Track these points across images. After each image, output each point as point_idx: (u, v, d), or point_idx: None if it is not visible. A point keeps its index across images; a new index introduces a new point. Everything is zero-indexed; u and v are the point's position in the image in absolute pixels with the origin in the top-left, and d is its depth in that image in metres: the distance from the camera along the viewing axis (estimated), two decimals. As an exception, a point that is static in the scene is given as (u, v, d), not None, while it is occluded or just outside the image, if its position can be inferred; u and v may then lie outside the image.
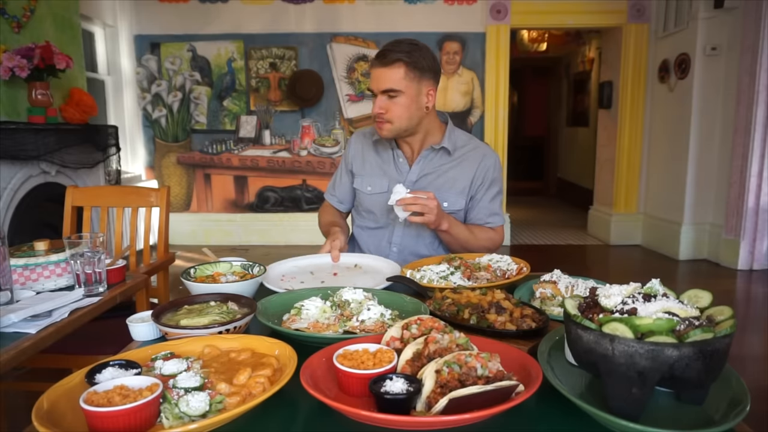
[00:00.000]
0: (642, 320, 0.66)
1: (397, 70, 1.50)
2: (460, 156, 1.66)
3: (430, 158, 1.65)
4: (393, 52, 1.50)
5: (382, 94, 1.52)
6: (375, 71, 1.53)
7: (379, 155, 1.71)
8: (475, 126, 5.48)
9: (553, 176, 9.55)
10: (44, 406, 0.67)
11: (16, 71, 2.98)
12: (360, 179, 1.73)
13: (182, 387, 0.70)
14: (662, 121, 5.16)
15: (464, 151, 1.67)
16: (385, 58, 1.50)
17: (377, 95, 1.54)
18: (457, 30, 5.30)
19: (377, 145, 1.71)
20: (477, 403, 0.65)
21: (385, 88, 1.51)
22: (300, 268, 1.45)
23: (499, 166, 1.71)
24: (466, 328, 0.97)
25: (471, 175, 1.65)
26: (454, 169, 1.65)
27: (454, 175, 1.65)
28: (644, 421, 0.65)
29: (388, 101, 1.52)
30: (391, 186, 1.58)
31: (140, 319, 1.01)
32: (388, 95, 1.52)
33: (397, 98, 1.52)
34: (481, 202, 1.67)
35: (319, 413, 0.73)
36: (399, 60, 1.49)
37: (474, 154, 1.67)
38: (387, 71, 1.50)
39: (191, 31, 5.30)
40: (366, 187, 1.71)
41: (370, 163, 1.72)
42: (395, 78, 1.50)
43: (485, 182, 1.67)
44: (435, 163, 1.66)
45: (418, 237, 1.66)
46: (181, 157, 5.51)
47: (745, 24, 4.24)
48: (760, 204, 4.29)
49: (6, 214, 2.94)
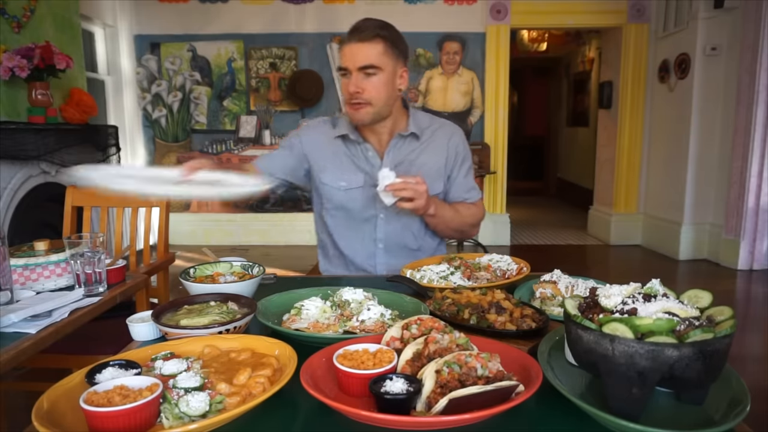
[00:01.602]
0: (642, 320, 0.66)
1: (376, 46, 1.42)
2: (427, 138, 1.59)
3: (400, 146, 1.57)
4: (371, 27, 1.42)
5: (359, 71, 1.42)
6: (350, 47, 1.43)
7: (347, 149, 1.58)
8: (475, 126, 5.48)
9: (553, 176, 9.55)
10: (44, 406, 0.67)
11: (16, 71, 2.98)
12: (329, 174, 1.59)
13: (182, 387, 0.70)
14: (662, 121, 5.16)
15: (431, 132, 1.60)
16: (363, 33, 1.41)
17: (352, 73, 1.43)
18: (457, 30, 5.30)
19: (343, 139, 1.58)
20: (477, 403, 0.65)
21: (364, 65, 1.41)
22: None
23: (465, 140, 1.66)
24: (466, 328, 0.97)
25: (443, 155, 1.59)
26: (425, 153, 1.58)
27: (426, 160, 1.57)
28: (644, 421, 0.65)
29: (365, 80, 1.42)
30: (368, 180, 1.53)
31: (140, 319, 1.01)
32: (366, 73, 1.42)
33: (375, 76, 1.42)
34: (458, 180, 1.61)
35: (319, 413, 0.73)
36: (378, 35, 1.42)
37: (441, 134, 1.60)
38: (365, 46, 1.41)
39: (191, 31, 5.30)
40: (339, 183, 1.57)
41: (339, 158, 1.58)
42: (374, 53, 1.41)
43: (458, 159, 1.61)
44: (405, 151, 1.57)
45: (403, 228, 1.58)
46: (181, 157, 5.50)
47: (745, 24, 4.24)
48: (760, 204, 4.29)
49: (6, 214, 2.94)
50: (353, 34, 1.42)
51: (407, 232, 1.59)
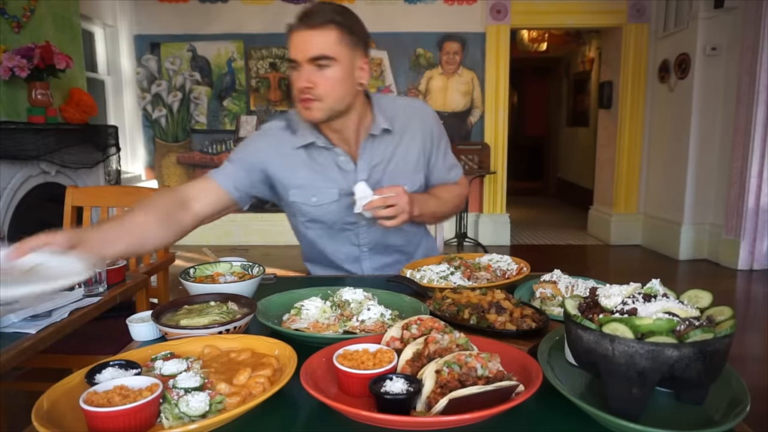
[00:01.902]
0: (642, 320, 0.66)
1: (329, 33, 1.23)
2: (400, 129, 1.43)
3: (373, 146, 1.41)
4: (322, 12, 1.23)
5: (310, 63, 1.24)
6: (298, 35, 1.24)
7: (314, 159, 1.39)
8: (475, 126, 5.48)
9: (553, 176, 9.55)
10: (44, 406, 0.67)
11: (16, 71, 2.98)
12: (297, 191, 1.41)
13: (182, 387, 0.70)
14: (662, 121, 5.16)
15: (402, 121, 1.44)
16: (313, 18, 1.22)
17: (302, 65, 1.25)
18: (457, 30, 5.30)
19: (308, 150, 1.39)
20: (477, 403, 0.65)
21: (314, 55, 1.23)
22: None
23: (436, 116, 1.51)
24: (466, 328, 0.97)
25: (419, 143, 1.45)
26: (402, 147, 1.43)
27: (403, 154, 1.43)
28: (644, 421, 0.65)
29: (316, 73, 1.24)
30: (342, 192, 1.38)
31: (140, 319, 1.01)
32: (317, 65, 1.23)
33: (328, 69, 1.24)
34: (438, 164, 1.50)
35: (319, 413, 0.73)
36: (331, 21, 1.23)
37: (413, 120, 1.45)
38: (316, 34, 1.22)
39: (191, 31, 5.30)
40: (309, 199, 1.41)
41: (306, 171, 1.40)
42: (327, 42, 1.23)
43: (434, 143, 1.48)
44: (380, 150, 1.41)
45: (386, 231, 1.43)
46: (181, 157, 5.51)
47: (745, 24, 4.24)
48: (760, 204, 4.30)
49: (6, 214, 2.94)
50: (302, 20, 1.23)
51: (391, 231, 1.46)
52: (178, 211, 1.25)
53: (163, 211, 1.21)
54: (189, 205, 1.29)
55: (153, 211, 1.19)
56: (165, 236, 1.21)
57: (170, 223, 1.22)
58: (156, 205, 1.22)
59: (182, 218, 1.26)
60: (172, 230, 1.22)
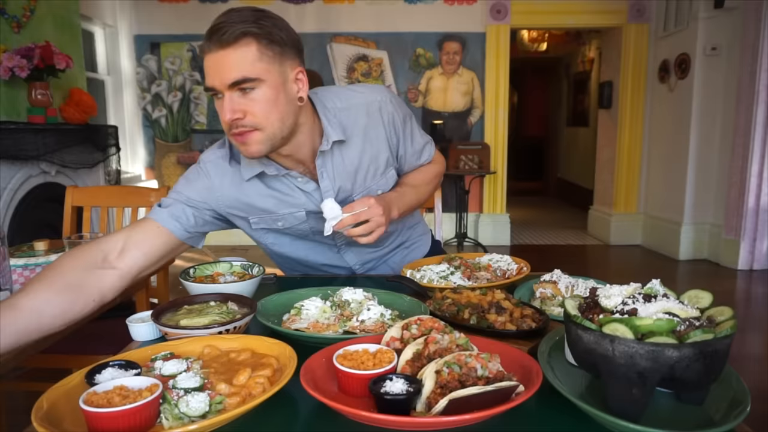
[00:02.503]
0: (642, 321, 0.66)
1: (246, 50, 1.02)
2: (359, 132, 1.25)
3: (333, 160, 1.24)
4: (232, 24, 1.01)
5: (231, 89, 1.04)
6: (211, 57, 1.03)
7: (271, 187, 1.23)
8: (475, 126, 5.48)
9: (553, 176, 9.55)
10: (44, 406, 0.67)
11: (16, 71, 2.98)
12: (259, 220, 1.29)
13: (182, 387, 0.70)
14: (662, 121, 5.16)
15: (358, 120, 1.25)
16: (224, 34, 1.00)
17: (223, 93, 1.05)
18: (457, 30, 5.30)
19: (261, 178, 1.22)
20: (477, 403, 0.65)
21: (234, 80, 1.02)
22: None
23: (394, 98, 1.31)
24: (466, 328, 0.97)
25: (385, 140, 1.29)
26: (366, 151, 1.27)
27: (370, 158, 1.28)
28: (644, 421, 0.65)
29: (242, 99, 1.05)
30: (310, 212, 1.26)
31: (140, 319, 1.01)
32: (240, 89, 1.04)
33: (255, 91, 1.04)
34: (408, 152, 1.36)
35: (319, 413, 0.73)
36: (246, 34, 1.01)
37: (371, 116, 1.26)
38: (229, 54, 1.01)
39: (191, 31, 5.30)
40: (275, 224, 1.29)
41: (265, 201, 1.25)
42: (244, 61, 1.02)
43: (399, 132, 1.32)
44: (341, 163, 1.25)
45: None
46: (181, 157, 5.51)
47: (745, 24, 4.24)
48: (760, 204, 4.30)
49: (6, 214, 2.94)
50: (213, 38, 1.02)
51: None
52: (89, 276, 1.02)
53: (66, 282, 0.98)
54: (110, 262, 1.06)
55: (51, 284, 0.95)
56: (69, 313, 0.96)
57: (77, 295, 0.97)
58: (56, 274, 0.98)
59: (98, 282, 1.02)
60: (82, 302, 0.98)
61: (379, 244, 1.43)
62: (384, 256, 1.50)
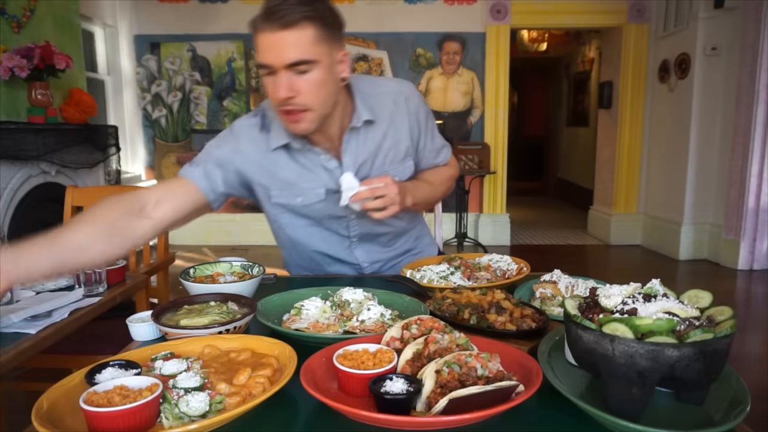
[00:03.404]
0: (642, 320, 0.66)
1: (305, 33, 1.06)
2: (386, 117, 1.31)
3: (356, 140, 1.29)
4: (293, 6, 1.04)
5: (288, 69, 1.08)
6: (269, 37, 1.06)
7: (295, 159, 1.29)
8: (475, 126, 5.48)
9: (553, 176, 9.56)
10: (44, 406, 0.67)
11: (16, 71, 2.99)
12: (279, 193, 1.33)
13: (182, 387, 0.70)
14: (662, 121, 5.16)
15: (386, 108, 1.32)
16: (284, 17, 1.04)
17: (278, 72, 1.09)
18: (457, 30, 5.30)
19: (287, 150, 1.28)
20: (477, 403, 0.65)
21: (292, 61, 1.07)
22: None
23: (419, 95, 1.40)
24: (466, 328, 0.97)
25: (407, 130, 1.34)
26: (389, 136, 1.32)
27: (391, 143, 1.33)
28: (644, 421, 0.65)
29: (296, 79, 1.09)
30: (329, 191, 1.29)
31: (140, 319, 1.01)
32: (296, 70, 1.08)
33: (309, 73, 1.09)
34: (427, 148, 1.41)
35: (319, 413, 0.73)
36: (306, 18, 1.05)
37: (399, 106, 1.33)
38: (290, 35, 1.05)
39: (191, 31, 5.30)
40: (294, 200, 1.33)
41: (287, 172, 1.30)
42: (305, 44, 1.06)
43: (421, 126, 1.38)
44: (365, 143, 1.30)
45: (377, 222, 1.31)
46: (181, 157, 5.51)
47: (745, 24, 4.25)
48: (760, 204, 4.30)
49: (6, 214, 2.94)
50: (271, 19, 1.05)
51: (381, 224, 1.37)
52: (129, 221, 1.09)
53: (108, 223, 1.06)
54: (147, 212, 1.13)
55: (94, 223, 1.04)
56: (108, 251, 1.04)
57: (117, 236, 1.05)
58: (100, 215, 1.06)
59: (134, 228, 1.10)
60: (118, 244, 1.05)
61: (389, 243, 1.46)
62: (392, 259, 1.51)
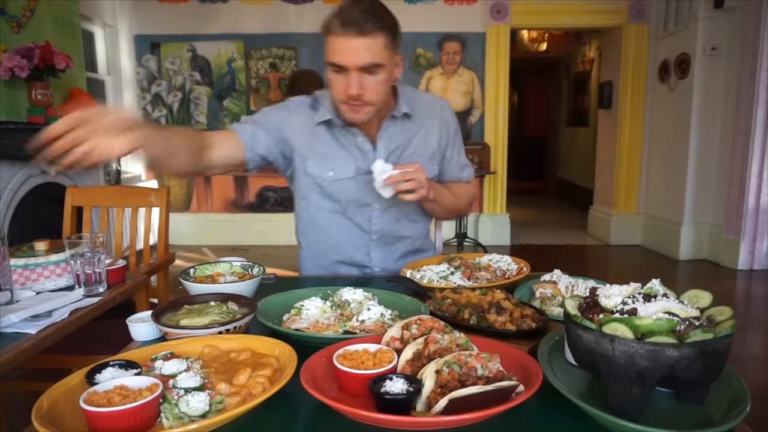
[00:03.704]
0: (642, 320, 0.66)
1: (377, 40, 1.22)
2: (419, 117, 1.48)
3: (392, 129, 1.44)
4: (369, 18, 1.21)
5: (359, 70, 1.24)
6: (348, 42, 1.21)
7: (334, 136, 1.44)
8: (475, 126, 5.48)
9: (553, 176, 9.55)
10: (44, 406, 0.67)
11: (16, 71, 2.98)
12: (314, 163, 1.45)
13: (182, 387, 0.70)
14: (662, 121, 5.16)
15: (422, 110, 1.49)
16: (362, 26, 1.20)
17: (350, 72, 1.25)
18: (457, 30, 5.30)
19: (328, 126, 1.44)
20: (477, 403, 0.65)
21: (367, 63, 1.23)
22: None
23: (453, 111, 1.57)
24: (466, 328, 0.97)
25: (437, 134, 1.50)
26: (420, 134, 1.48)
27: (421, 141, 1.48)
28: (644, 421, 0.65)
29: (365, 79, 1.26)
30: (359, 170, 1.42)
31: (140, 319, 1.01)
32: (368, 71, 1.25)
33: (377, 75, 1.26)
34: (452, 159, 1.54)
35: (319, 413, 0.73)
36: (379, 28, 1.22)
37: (431, 110, 1.51)
38: (367, 42, 1.21)
39: (191, 31, 5.30)
40: (326, 173, 1.44)
41: (325, 146, 1.44)
42: (377, 50, 1.23)
43: (450, 136, 1.54)
44: (399, 133, 1.46)
45: (398, 217, 1.49)
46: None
47: (745, 24, 4.25)
48: (760, 204, 4.30)
49: (6, 214, 2.94)
50: (349, 27, 1.21)
51: (402, 220, 1.50)
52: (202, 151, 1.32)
53: (198, 145, 1.30)
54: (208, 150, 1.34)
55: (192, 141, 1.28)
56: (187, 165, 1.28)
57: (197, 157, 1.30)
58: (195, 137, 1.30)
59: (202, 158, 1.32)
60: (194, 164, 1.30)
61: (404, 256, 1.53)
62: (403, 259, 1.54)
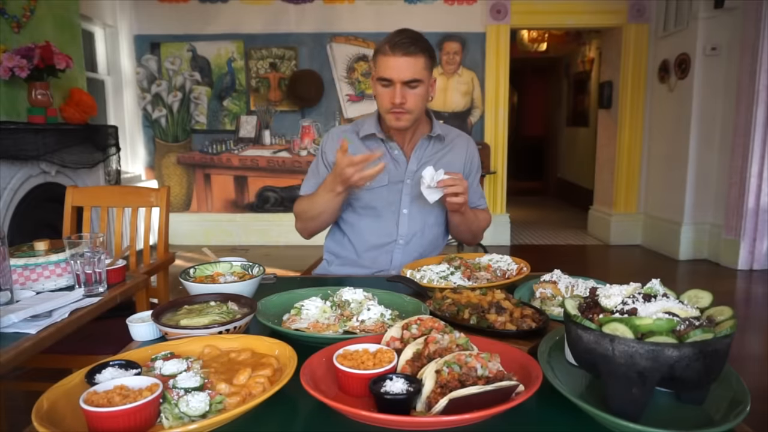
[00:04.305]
0: (642, 320, 0.66)
1: (420, 61, 1.52)
2: (450, 142, 1.72)
3: (425, 147, 1.69)
4: (413, 41, 1.51)
5: (404, 84, 1.53)
6: (397, 60, 1.51)
7: (371, 149, 1.67)
8: (475, 126, 5.48)
9: (553, 176, 9.55)
10: (44, 406, 0.67)
11: (16, 71, 2.98)
12: None
13: (182, 387, 0.70)
14: (662, 121, 5.16)
15: (451, 137, 1.74)
16: (408, 49, 1.50)
17: (395, 85, 1.53)
18: (457, 30, 5.30)
19: (366, 140, 1.69)
20: (477, 403, 0.65)
21: (410, 79, 1.52)
22: None
23: (477, 148, 1.81)
24: (466, 328, 0.97)
25: (462, 160, 1.73)
26: (449, 156, 1.70)
27: (449, 161, 1.69)
28: (644, 421, 0.65)
29: (407, 91, 1.53)
30: (392, 178, 1.64)
31: (140, 319, 1.01)
32: (410, 85, 1.53)
33: (417, 89, 1.54)
34: (472, 187, 1.71)
35: (319, 413, 0.73)
36: (421, 51, 1.52)
37: (460, 141, 1.75)
38: (411, 61, 1.51)
39: (191, 31, 5.30)
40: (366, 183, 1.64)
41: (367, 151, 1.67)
42: (419, 68, 1.52)
43: (473, 167, 1.75)
44: (431, 151, 1.69)
45: (423, 223, 1.67)
46: (181, 157, 5.51)
47: (745, 24, 4.24)
48: (760, 204, 4.29)
49: (6, 214, 2.94)
50: (398, 48, 1.50)
51: (426, 232, 1.69)
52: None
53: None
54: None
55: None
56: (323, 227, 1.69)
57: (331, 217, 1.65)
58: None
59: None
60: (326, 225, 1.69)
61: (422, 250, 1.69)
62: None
